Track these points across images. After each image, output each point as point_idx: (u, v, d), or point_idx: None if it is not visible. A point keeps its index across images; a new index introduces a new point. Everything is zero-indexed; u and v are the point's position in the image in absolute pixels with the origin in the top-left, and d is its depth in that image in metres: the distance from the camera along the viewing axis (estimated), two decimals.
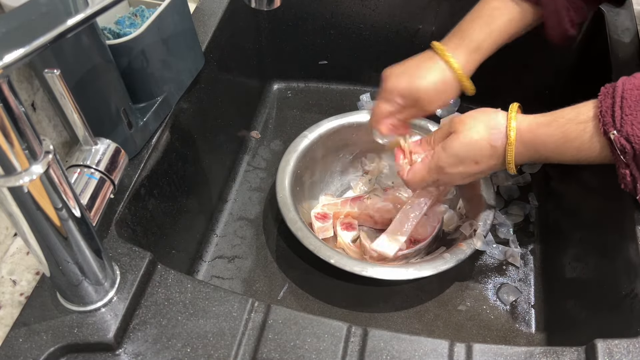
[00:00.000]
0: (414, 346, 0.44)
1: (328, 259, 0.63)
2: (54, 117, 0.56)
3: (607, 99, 0.47)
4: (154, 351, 0.44)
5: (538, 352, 0.43)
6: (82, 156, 0.44)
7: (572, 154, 0.50)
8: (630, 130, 0.45)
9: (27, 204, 0.36)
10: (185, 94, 0.65)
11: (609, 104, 0.46)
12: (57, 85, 0.37)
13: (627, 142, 0.45)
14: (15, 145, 0.33)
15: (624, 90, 0.46)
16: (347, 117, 0.79)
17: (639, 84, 0.46)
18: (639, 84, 0.46)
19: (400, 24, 0.88)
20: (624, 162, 0.46)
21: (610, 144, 0.47)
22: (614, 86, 0.47)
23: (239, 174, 0.85)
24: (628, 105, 0.45)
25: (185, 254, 0.71)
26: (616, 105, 0.46)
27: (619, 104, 0.46)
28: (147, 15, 0.59)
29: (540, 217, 0.78)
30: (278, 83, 0.99)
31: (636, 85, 0.46)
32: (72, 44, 0.46)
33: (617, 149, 0.46)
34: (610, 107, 0.46)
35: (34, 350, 0.42)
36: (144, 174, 0.58)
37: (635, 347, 0.43)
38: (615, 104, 0.46)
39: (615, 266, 0.54)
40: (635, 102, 0.45)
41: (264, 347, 0.44)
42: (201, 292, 0.47)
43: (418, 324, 0.68)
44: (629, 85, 0.46)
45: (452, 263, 0.63)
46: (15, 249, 0.51)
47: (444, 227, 0.74)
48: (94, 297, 0.45)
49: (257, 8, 0.47)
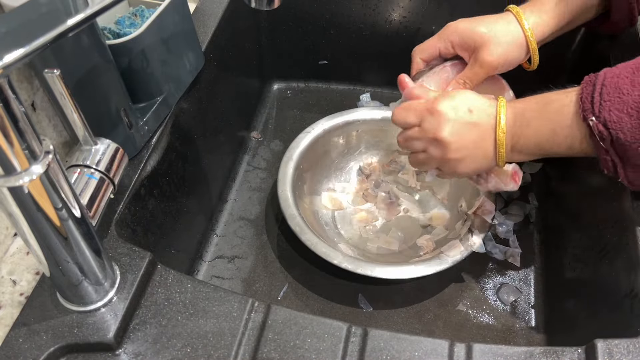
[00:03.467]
0: (414, 346, 0.44)
1: (326, 256, 0.63)
2: (54, 117, 0.56)
3: (588, 87, 0.47)
4: (154, 351, 0.44)
5: (538, 352, 0.43)
6: (82, 156, 0.44)
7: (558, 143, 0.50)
8: (608, 116, 0.45)
9: (27, 204, 0.36)
10: (185, 94, 0.65)
11: (589, 91, 0.47)
12: (57, 85, 0.37)
13: (605, 129, 0.45)
14: (15, 145, 0.33)
15: (605, 78, 0.46)
16: (350, 114, 0.80)
17: (619, 72, 0.46)
18: (619, 72, 0.46)
19: (400, 24, 0.88)
20: (604, 148, 0.46)
21: (590, 131, 0.47)
22: (596, 75, 0.48)
23: (239, 174, 0.85)
24: (607, 92, 0.45)
25: (185, 254, 0.71)
26: (596, 92, 0.46)
27: (599, 91, 0.46)
28: (147, 15, 0.59)
29: (540, 217, 0.78)
30: (278, 83, 0.99)
31: (616, 73, 0.46)
32: (72, 44, 0.46)
33: (596, 135, 0.46)
34: (590, 93, 0.46)
35: (34, 350, 0.42)
36: (144, 174, 0.58)
37: (635, 347, 0.43)
38: (595, 90, 0.46)
39: (615, 266, 0.54)
40: (614, 89, 0.45)
41: (264, 347, 0.44)
42: (201, 292, 0.47)
43: (418, 324, 0.68)
44: (609, 74, 0.46)
45: (452, 262, 0.63)
46: (15, 249, 0.51)
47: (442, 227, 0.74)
48: (94, 297, 0.45)
49: (257, 8, 0.47)
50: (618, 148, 0.46)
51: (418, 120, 0.56)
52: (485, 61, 0.59)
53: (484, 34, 0.58)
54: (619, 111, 0.44)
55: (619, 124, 0.44)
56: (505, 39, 0.58)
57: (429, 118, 0.55)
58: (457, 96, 0.55)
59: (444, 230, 0.73)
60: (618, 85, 0.45)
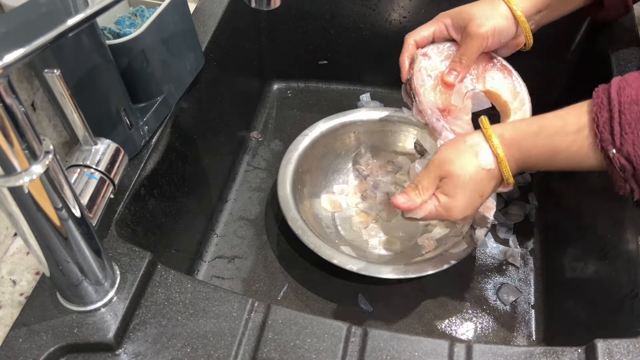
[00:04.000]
0: (414, 346, 0.44)
1: (329, 259, 0.63)
2: (54, 117, 0.56)
3: (604, 112, 0.45)
4: (154, 351, 0.44)
5: (538, 352, 0.43)
6: (82, 156, 0.44)
7: (562, 164, 0.49)
8: (632, 151, 0.43)
9: (27, 204, 0.36)
10: (185, 94, 0.65)
11: (606, 119, 0.44)
12: (57, 85, 0.37)
13: (628, 162, 0.43)
14: (15, 145, 0.33)
15: (620, 104, 0.44)
16: (348, 116, 0.80)
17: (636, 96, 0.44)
18: (636, 96, 0.44)
19: (400, 24, 0.88)
20: (623, 177, 0.45)
21: (608, 159, 0.45)
22: (608, 95, 0.45)
23: (239, 174, 0.85)
24: (628, 122, 0.43)
25: (185, 254, 0.71)
26: (614, 122, 0.44)
27: (617, 120, 0.43)
28: (147, 15, 0.59)
29: (540, 217, 0.78)
30: (278, 83, 0.99)
31: (633, 98, 0.44)
32: (72, 44, 0.46)
33: (617, 167, 0.44)
34: (608, 122, 0.44)
35: (34, 350, 0.42)
36: (144, 174, 0.58)
37: (635, 347, 0.43)
38: (614, 120, 0.44)
39: (615, 266, 0.54)
40: (635, 120, 0.43)
41: (264, 347, 0.44)
42: (201, 292, 0.47)
43: (418, 324, 0.68)
44: (626, 98, 0.44)
45: (452, 262, 0.63)
46: (15, 249, 0.51)
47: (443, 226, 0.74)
48: (94, 297, 0.45)
49: (257, 8, 0.46)
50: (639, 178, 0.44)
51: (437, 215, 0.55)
52: (474, 32, 0.60)
53: (470, 11, 0.60)
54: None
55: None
56: (491, 13, 0.60)
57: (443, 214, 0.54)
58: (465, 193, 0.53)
59: (444, 229, 0.73)
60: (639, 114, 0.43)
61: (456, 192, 0.53)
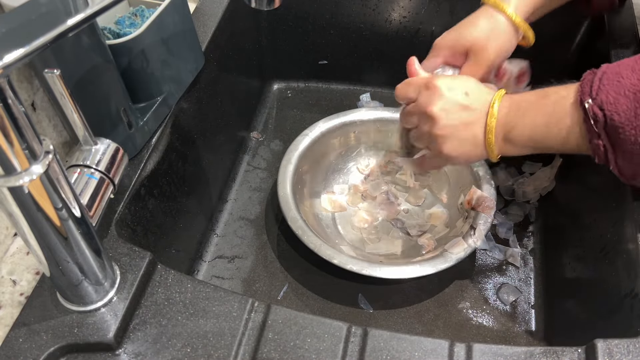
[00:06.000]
0: (414, 346, 0.44)
1: (329, 259, 0.63)
2: (54, 117, 0.56)
3: (590, 75, 0.48)
4: (154, 351, 0.44)
5: (538, 352, 0.43)
6: (82, 156, 0.44)
7: (541, 121, 0.50)
8: (605, 98, 0.45)
9: (27, 204, 0.36)
10: (185, 94, 0.65)
11: (590, 79, 0.47)
12: (57, 85, 0.37)
13: (600, 110, 0.45)
14: (15, 145, 0.33)
15: (608, 67, 0.47)
16: (348, 116, 0.80)
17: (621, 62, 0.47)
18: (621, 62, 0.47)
19: (400, 24, 0.88)
20: (596, 131, 0.46)
21: (585, 115, 0.47)
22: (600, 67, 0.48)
23: (239, 174, 0.85)
24: (607, 77, 0.46)
25: (185, 254, 0.71)
26: (596, 78, 0.47)
27: (599, 77, 0.46)
28: (147, 15, 0.59)
29: (540, 217, 0.78)
30: (278, 83, 0.99)
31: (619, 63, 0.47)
32: (72, 44, 0.46)
33: (590, 118, 0.46)
34: (590, 80, 0.47)
35: (34, 350, 0.42)
36: (144, 174, 0.58)
37: (635, 347, 0.43)
38: (596, 77, 0.47)
39: (615, 266, 0.54)
40: (614, 74, 0.46)
41: (264, 347, 0.44)
42: (201, 292, 0.47)
43: (418, 324, 0.68)
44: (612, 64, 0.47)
45: (452, 262, 0.63)
46: (15, 249, 0.51)
47: (442, 225, 0.74)
48: (94, 297, 0.45)
49: (257, 8, 0.47)
50: (610, 132, 0.45)
51: (416, 95, 0.56)
52: (480, 58, 0.60)
53: (470, 37, 0.59)
54: (616, 93, 0.45)
55: (614, 105, 0.44)
56: (492, 33, 0.59)
57: (425, 92, 0.55)
58: (457, 78, 0.55)
59: (444, 229, 0.73)
60: (618, 71, 0.46)
61: (447, 77, 0.55)
